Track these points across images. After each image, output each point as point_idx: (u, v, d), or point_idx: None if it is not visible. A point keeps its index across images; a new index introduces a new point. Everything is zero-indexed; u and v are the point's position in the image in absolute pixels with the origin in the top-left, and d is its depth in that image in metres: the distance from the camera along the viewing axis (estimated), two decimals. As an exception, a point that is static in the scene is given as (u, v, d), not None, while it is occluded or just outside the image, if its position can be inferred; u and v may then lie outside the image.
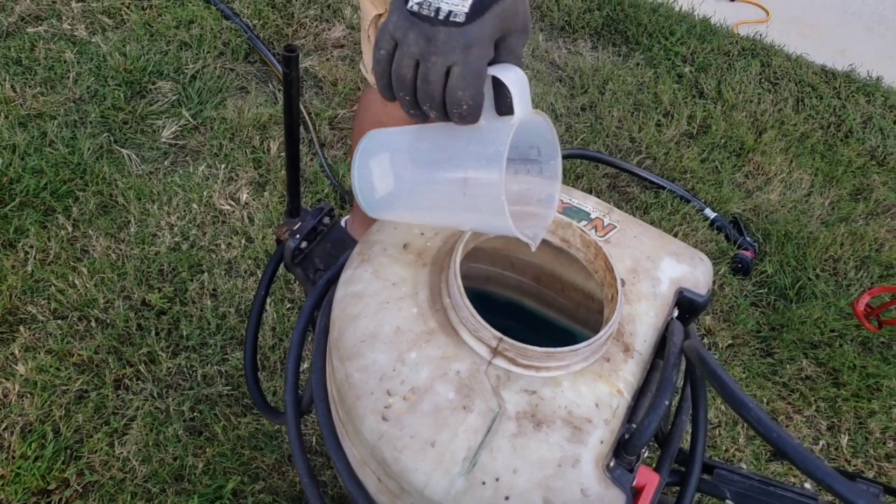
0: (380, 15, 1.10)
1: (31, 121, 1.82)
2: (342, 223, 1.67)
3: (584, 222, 0.77)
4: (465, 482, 0.59)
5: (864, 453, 1.53)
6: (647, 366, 0.68)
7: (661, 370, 0.65)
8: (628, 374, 0.66)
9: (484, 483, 0.58)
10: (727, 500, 0.72)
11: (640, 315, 0.70)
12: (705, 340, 1.67)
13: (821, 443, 1.53)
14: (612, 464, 0.61)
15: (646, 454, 0.66)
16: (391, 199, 0.68)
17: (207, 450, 1.36)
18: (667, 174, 2.00)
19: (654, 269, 0.73)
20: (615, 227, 0.77)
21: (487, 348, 0.64)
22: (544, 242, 0.78)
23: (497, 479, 0.58)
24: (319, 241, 0.87)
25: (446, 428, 0.60)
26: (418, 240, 0.73)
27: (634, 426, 0.63)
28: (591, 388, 0.63)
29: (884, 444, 1.55)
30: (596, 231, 0.76)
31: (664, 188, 1.92)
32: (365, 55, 1.22)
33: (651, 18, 2.44)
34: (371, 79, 1.22)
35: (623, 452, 0.61)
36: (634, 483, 0.62)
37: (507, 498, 0.58)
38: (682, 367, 0.79)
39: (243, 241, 1.67)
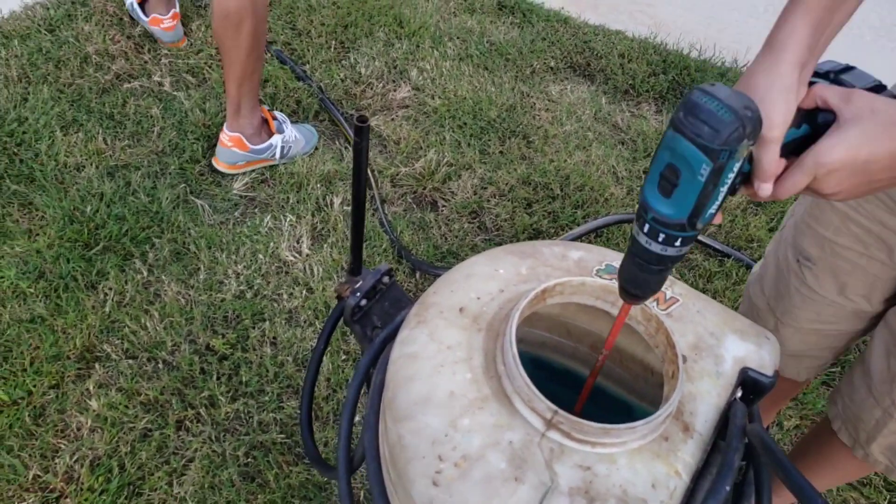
0: None
1: (118, 171, 1.95)
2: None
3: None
4: (514, 558, 0.58)
5: (950, 551, 1.41)
6: (707, 447, 0.66)
7: (722, 453, 0.63)
8: (687, 454, 0.64)
9: (533, 560, 0.57)
10: None
11: (702, 394, 0.68)
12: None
13: (899, 536, 1.42)
14: (668, 549, 0.59)
15: (704, 541, 0.63)
16: None
17: (259, 496, 1.38)
18: (732, 242, 1.95)
19: (717, 347, 0.72)
20: (678, 300, 0.76)
21: (541, 420, 0.63)
22: (603, 312, 0.78)
23: (547, 557, 0.57)
24: (378, 300, 0.89)
25: (497, 498, 0.60)
26: (474, 304, 0.74)
27: (693, 511, 0.61)
28: (648, 467, 0.62)
29: (972, 542, 1.42)
30: (657, 304, 0.76)
31: (729, 256, 1.87)
32: None
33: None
34: None
35: (680, 538, 0.59)
36: (692, 571, 0.59)
37: (556, 578, 0.56)
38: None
39: (304, 291, 1.72)
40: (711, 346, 0.71)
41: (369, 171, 2.03)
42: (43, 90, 2.10)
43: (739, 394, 0.71)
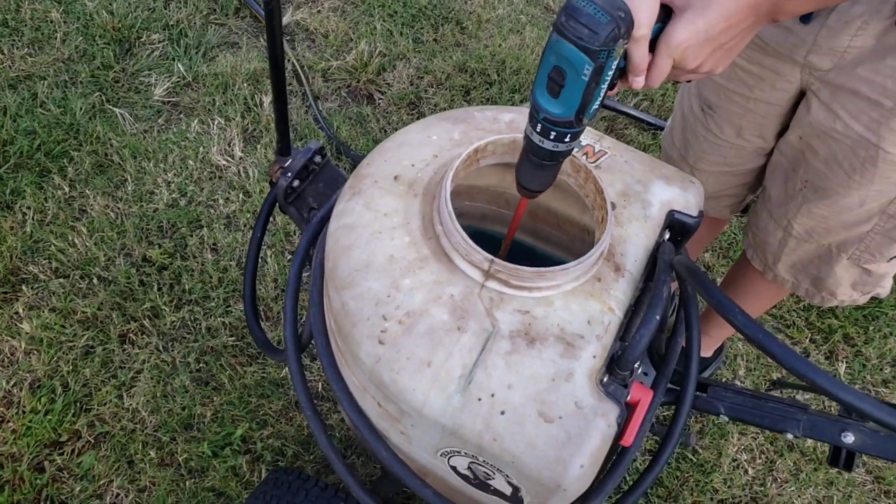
0: None
1: (20, 82, 1.81)
2: None
3: (574, 149, 0.77)
4: (461, 399, 0.60)
5: (862, 380, 1.55)
6: (638, 285, 0.69)
7: (652, 286, 0.66)
8: (619, 292, 0.66)
9: (480, 399, 0.60)
10: (721, 416, 0.74)
11: (631, 236, 0.70)
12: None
13: (818, 374, 1.55)
14: (605, 379, 0.62)
15: (640, 370, 0.67)
16: None
17: (215, 399, 1.39)
18: (664, 115, 1.98)
19: (644, 193, 0.74)
20: (606, 153, 0.77)
21: (480, 271, 0.65)
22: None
23: (492, 395, 0.60)
24: (312, 181, 0.87)
25: (441, 348, 0.61)
26: (409, 171, 0.73)
27: (627, 343, 0.64)
28: (583, 306, 0.64)
29: (881, 370, 1.57)
30: (587, 157, 0.76)
31: (662, 129, 1.90)
32: None
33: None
34: None
35: (616, 368, 0.62)
36: (629, 398, 0.63)
37: (502, 412, 0.59)
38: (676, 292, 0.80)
39: (241, 195, 1.67)
40: (639, 193, 0.73)
41: (298, 67, 1.94)
42: (-81, -4, 1.89)
43: (668, 236, 0.73)
